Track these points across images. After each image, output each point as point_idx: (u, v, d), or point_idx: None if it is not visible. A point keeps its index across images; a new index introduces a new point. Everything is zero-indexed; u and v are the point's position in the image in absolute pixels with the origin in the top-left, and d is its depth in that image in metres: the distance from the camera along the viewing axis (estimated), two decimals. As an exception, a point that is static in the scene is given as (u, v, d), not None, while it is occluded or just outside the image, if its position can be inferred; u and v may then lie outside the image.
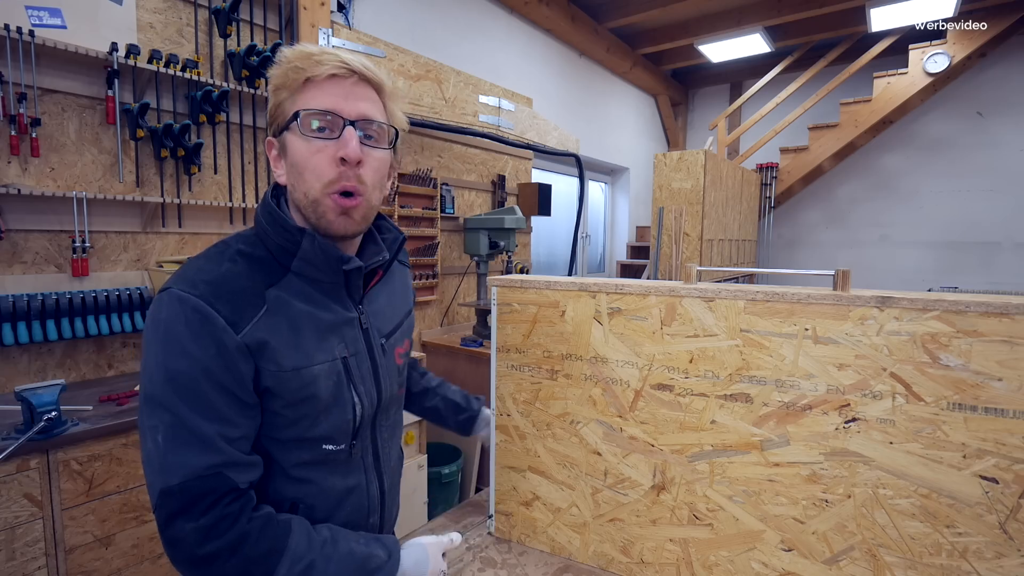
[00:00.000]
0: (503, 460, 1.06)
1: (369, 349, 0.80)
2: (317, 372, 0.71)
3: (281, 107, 0.70)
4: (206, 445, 0.63)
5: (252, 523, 0.64)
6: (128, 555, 1.50)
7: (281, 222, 0.70)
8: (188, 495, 0.61)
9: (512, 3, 3.70)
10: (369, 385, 0.79)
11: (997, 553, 0.69)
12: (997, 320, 0.66)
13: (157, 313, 0.65)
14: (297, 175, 0.70)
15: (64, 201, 1.73)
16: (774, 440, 0.80)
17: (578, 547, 0.98)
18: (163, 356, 0.63)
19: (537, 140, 3.55)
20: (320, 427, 0.73)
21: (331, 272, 0.73)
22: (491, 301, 1.03)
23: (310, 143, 0.68)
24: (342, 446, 0.77)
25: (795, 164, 5.23)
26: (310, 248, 0.70)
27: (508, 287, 1.01)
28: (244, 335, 0.65)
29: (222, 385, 0.64)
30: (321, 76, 0.68)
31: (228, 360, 0.64)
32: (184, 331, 0.63)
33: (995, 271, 4.83)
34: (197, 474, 0.62)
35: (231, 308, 0.65)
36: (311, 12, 2.31)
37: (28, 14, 1.61)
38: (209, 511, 0.62)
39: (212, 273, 0.67)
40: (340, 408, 0.75)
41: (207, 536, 0.61)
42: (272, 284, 0.70)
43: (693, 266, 0.88)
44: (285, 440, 0.72)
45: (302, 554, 0.66)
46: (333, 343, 0.74)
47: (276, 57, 0.71)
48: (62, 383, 1.38)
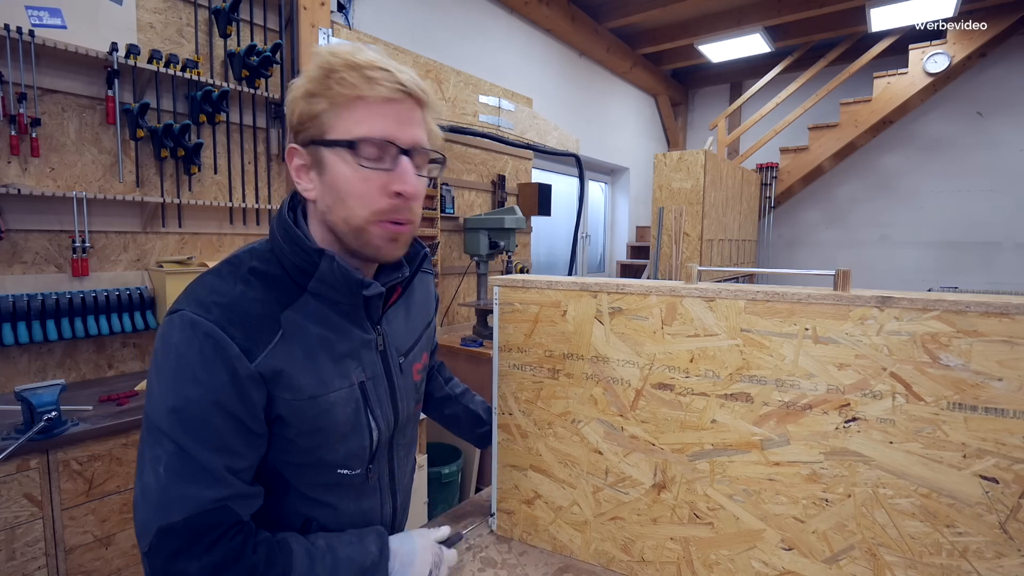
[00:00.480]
0: (505, 458, 1.06)
1: (387, 370, 0.77)
2: (334, 400, 0.69)
3: (318, 119, 0.64)
4: (213, 478, 0.60)
5: (257, 553, 0.62)
6: (128, 555, 1.50)
7: (299, 241, 0.66)
8: (192, 531, 0.58)
9: (512, 3, 3.70)
10: (387, 408, 0.77)
11: (997, 553, 0.69)
12: (997, 320, 0.66)
13: (168, 337, 0.62)
14: (338, 199, 0.65)
15: (64, 201, 1.73)
16: (774, 439, 0.80)
17: (579, 545, 0.98)
18: (172, 383, 0.60)
19: (537, 140, 3.55)
20: (336, 454, 0.71)
21: (350, 295, 0.69)
22: (493, 300, 1.03)
23: (359, 169, 0.63)
24: (358, 471, 0.75)
25: (795, 164, 5.23)
26: (328, 271, 0.66)
27: (510, 287, 1.02)
28: (258, 364, 0.62)
29: (232, 415, 0.61)
30: (376, 98, 0.63)
31: (240, 389, 0.61)
32: (196, 358, 0.60)
33: (995, 271, 4.83)
34: (203, 508, 0.59)
35: (245, 334, 0.62)
36: (311, 12, 2.31)
37: (28, 14, 1.61)
38: (214, 547, 0.59)
39: (226, 295, 0.64)
40: (357, 435, 0.72)
41: (216, 572, 0.59)
42: (288, 305, 0.66)
43: (694, 266, 0.88)
44: (299, 464, 0.70)
45: (306, 571, 0.65)
46: (350, 367, 0.71)
47: (316, 58, 0.64)
48: (62, 383, 1.38)
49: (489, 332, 2.91)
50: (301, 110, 0.64)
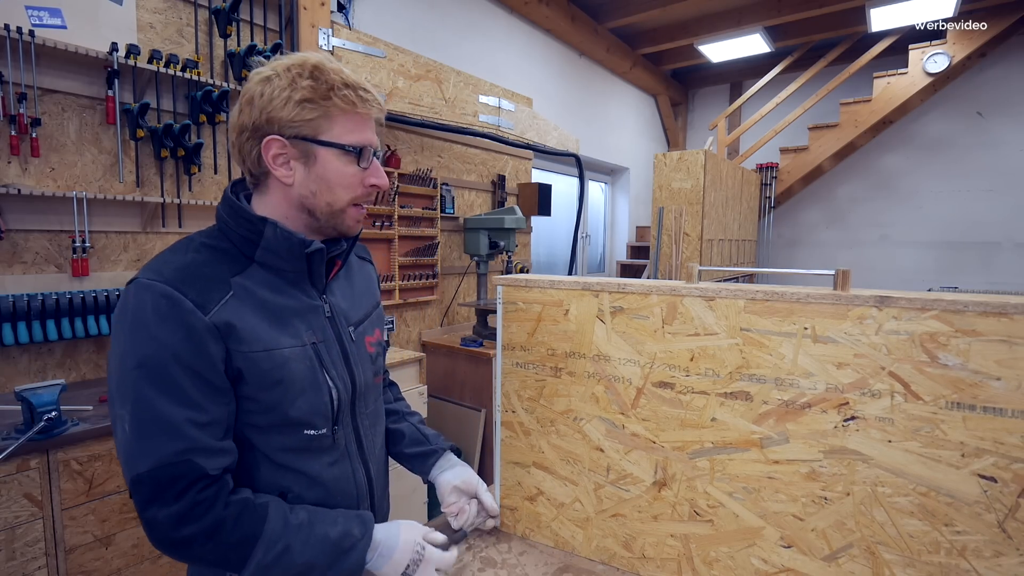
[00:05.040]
0: (508, 456, 1.07)
1: (338, 336, 0.82)
2: (288, 355, 0.73)
3: (312, 122, 0.73)
4: (174, 431, 0.64)
5: (228, 509, 0.66)
6: (128, 555, 1.50)
7: (243, 213, 0.74)
8: (157, 482, 0.63)
9: (512, 3, 3.70)
10: (341, 370, 0.81)
11: (995, 552, 0.69)
12: (996, 320, 0.67)
13: (124, 304, 0.67)
14: (326, 187, 0.75)
15: (64, 201, 1.73)
16: (774, 438, 0.80)
17: (581, 542, 0.99)
18: (130, 344, 0.64)
19: (537, 140, 3.56)
20: (296, 410, 0.74)
21: (294, 259, 0.76)
22: (497, 299, 1.04)
23: (348, 165, 0.76)
24: (323, 431, 0.78)
25: (795, 164, 5.23)
26: (273, 236, 0.73)
27: (513, 286, 1.02)
28: (212, 315, 0.67)
29: (191, 369, 0.65)
30: (364, 113, 0.76)
31: (197, 342, 0.65)
32: (152, 317, 0.64)
33: (995, 271, 4.83)
34: (166, 461, 0.63)
35: (197, 291, 0.67)
36: (311, 12, 2.32)
37: (28, 14, 1.61)
38: (182, 497, 0.63)
39: (178, 262, 0.70)
40: (315, 391, 0.76)
41: (181, 521, 0.63)
42: (237, 273, 0.73)
43: (694, 266, 0.89)
44: (264, 426, 0.73)
45: (277, 538, 0.67)
46: (300, 329, 0.76)
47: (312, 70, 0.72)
48: (62, 383, 1.38)
49: (489, 332, 2.91)
50: (294, 112, 0.72)
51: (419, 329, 3.09)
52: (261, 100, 0.72)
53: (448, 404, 2.89)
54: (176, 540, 0.64)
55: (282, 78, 0.72)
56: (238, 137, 0.75)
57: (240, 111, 0.74)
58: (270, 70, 0.73)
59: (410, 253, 2.97)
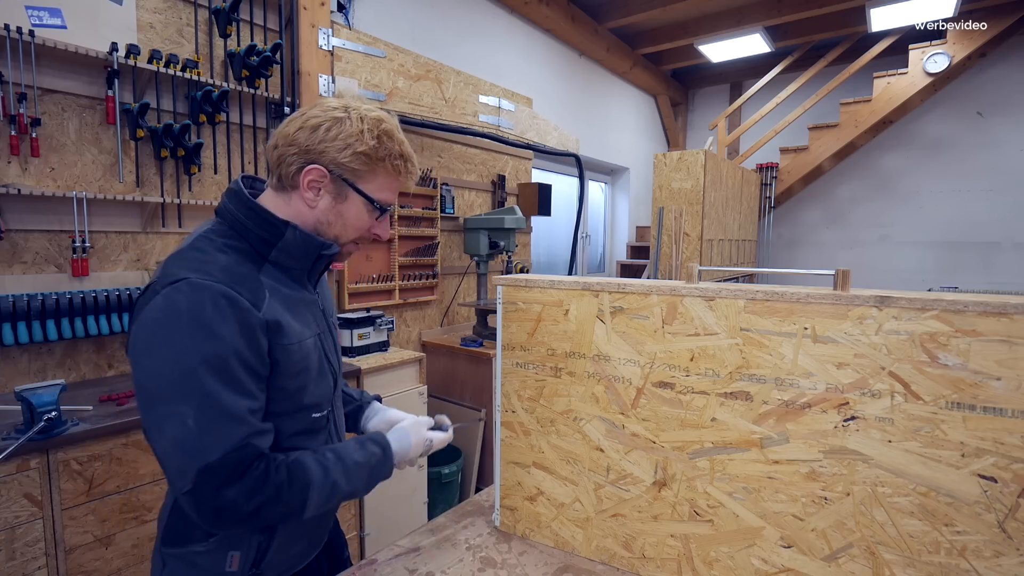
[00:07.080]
0: (508, 456, 1.06)
1: (328, 327, 0.92)
2: (309, 345, 0.83)
3: (357, 172, 0.81)
4: (239, 420, 0.71)
5: (279, 473, 0.74)
6: (128, 555, 1.50)
7: (266, 216, 0.80)
8: (227, 467, 0.69)
9: (512, 3, 3.70)
10: (334, 357, 0.93)
11: (995, 552, 0.69)
12: (996, 320, 0.67)
13: (173, 304, 0.70)
14: (342, 224, 0.84)
15: (64, 201, 1.73)
16: (774, 438, 0.80)
17: (581, 542, 0.99)
18: (192, 342, 0.68)
19: (537, 140, 3.55)
20: (312, 395, 0.84)
21: (306, 259, 0.84)
22: (497, 299, 1.04)
23: (369, 214, 0.85)
24: (324, 412, 0.88)
25: (795, 164, 5.23)
26: (293, 239, 0.81)
27: (513, 286, 1.02)
28: (264, 313, 0.74)
29: (247, 363, 0.72)
30: (403, 182, 0.87)
31: (252, 339, 0.72)
32: (213, 315, 0.69)
33: (995, 271, 4.83)
34: (234, 447, 0.70)
35: (248, 291, 0.74)
36: (311, 12, 2.32)
37: (28, 14, 1.61)
38: (246, 475, 0.71)
39: (218, 262, 0.75)
40: (323, 376, 0.87)
41: (252, 494, 0.71)
42: (259, 273, 0.79)
43: (694, 266, 0.89)
44: (279, 413, 0.80)
45: (323, 481, 0.77)
46: (309, 320, 0.85)
47: (391, 133, 0.82)
48: (62, 383, 1.38)
49: (489, 332, 2.91)
50: (349, 158, 0.80)
51: (419, 329, 3.09)
52: (326, 134, 0.78)
53: (448, 404, 2.89)
54: (249, 512, 0.71)
55: (353, 125, 0.79)
56: (284, 147, 0.80)
57: (299, 129, 0.79)
58: (344, 112, 0.80)
59: (410, 253, 2.97)
